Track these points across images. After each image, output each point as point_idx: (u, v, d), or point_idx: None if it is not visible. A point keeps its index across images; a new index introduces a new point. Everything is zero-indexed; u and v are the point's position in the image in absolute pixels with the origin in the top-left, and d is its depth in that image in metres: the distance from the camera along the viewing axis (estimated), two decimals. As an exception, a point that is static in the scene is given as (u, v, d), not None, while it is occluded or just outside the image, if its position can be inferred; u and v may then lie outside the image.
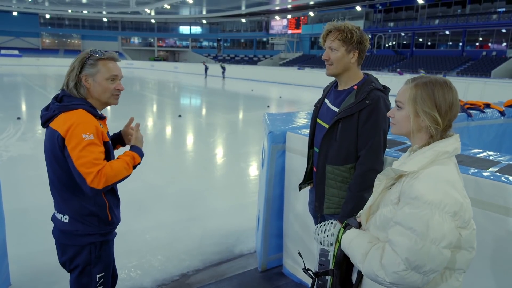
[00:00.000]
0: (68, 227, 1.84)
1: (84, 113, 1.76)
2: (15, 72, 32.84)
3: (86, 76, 1.80)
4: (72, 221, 1.83)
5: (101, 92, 1.84)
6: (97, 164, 1.70)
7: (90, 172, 1.68)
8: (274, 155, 2.97)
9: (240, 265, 3.33)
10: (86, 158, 1.68)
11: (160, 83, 29.63)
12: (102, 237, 1.89)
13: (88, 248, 1.86)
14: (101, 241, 1.89)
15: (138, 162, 1.90)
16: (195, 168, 6.83)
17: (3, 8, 56.37)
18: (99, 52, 1.84)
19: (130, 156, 1.88)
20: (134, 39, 71.20)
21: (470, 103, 4.57)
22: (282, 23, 56.90)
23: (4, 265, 2.78)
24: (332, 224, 1.64)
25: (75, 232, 1.83)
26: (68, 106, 1.76)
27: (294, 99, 19.87)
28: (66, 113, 1.75)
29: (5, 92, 18.27)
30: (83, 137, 1.69)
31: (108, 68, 1.84)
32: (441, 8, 38.76)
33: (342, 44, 2.02)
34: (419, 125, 1.33)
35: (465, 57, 36.63)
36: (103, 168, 1.71)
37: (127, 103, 16.07)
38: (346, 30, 2.01)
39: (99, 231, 1.87)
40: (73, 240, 1.85)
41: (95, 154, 1.71)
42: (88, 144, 1.70)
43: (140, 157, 1.91)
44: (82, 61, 1.81)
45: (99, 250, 1.88)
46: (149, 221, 4.16)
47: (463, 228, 1.22)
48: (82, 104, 1.78)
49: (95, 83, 1.82)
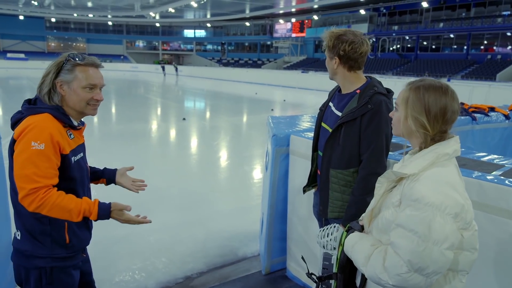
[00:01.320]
0: (19, 245, 1.62)
1: (47, 118, 1.57)
2: (21, 75, 33.11)
3: (62, 83, 1.62)
4: (24, 239, 1.61)
5: (76, 101, 1.64)
6: (35, 181, 1.48)
7: (23, 187, 1.48)
8: (278, 158, 2.98)
9: (243, 268, 3.33)
10: (24, 171, 1.48)
11: (164, 86, 29.74)
12: (54, 261, 1.63)
13: (38, 272, 1.61)
14: (53, 267, 1.63)
15: (92, 219, 1.62)
16: (199, 171, 6.85)
17: (9, 12, 56.89)
18: (79, 56, 1.65)
19: (91, 207, 1.59)
20: (139, 43, 71.62)
21: (475, 107, 4.56)
22: (286, 27, 56.99)
23: (9, 267, 2.80)
24: (335, 228, 1.64)
25: (25, 252, 1.61)
26: (35, 109, 1.59)
27: (298, 102, 19.89)
28: (32, 116, 1.57)
29: (11, 95, 18.41)
30: (32, 145, 1.49)
31: (87, 76, 1.64)
32: (445, 11, 38.67)
33: (327, 51, 2.10)
34: (410, 128, 1.33)
35: (469, 60, 36.50)
36: (44, 189, 1.50)
37: (132, 106, 16.17)
38: (326, 38, 2.06)
39: (51, 254, 1.62)
40: (22, 261, 1.63)
41: (38, 169, 1.49)
42: (33, 154, 1.48)
43: (97, 218, 1.62)
44: (59, 66, 1.63)
45: (50, 277, 1.62)
46: (152, 224, 4.11)
47: (464, 229, 1.23)
48: (51, 108, 1.60)
49: (70, 91, 1.63)
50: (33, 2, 50.47)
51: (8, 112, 12.85)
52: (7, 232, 2.79)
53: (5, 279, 2.73)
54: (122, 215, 1.69)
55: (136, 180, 2.04)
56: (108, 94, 20.33)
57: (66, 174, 1.62)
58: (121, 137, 9.39)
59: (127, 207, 1.70)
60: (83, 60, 1.65)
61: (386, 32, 43.25)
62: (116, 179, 2.01)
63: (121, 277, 3.11)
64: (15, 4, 52.49)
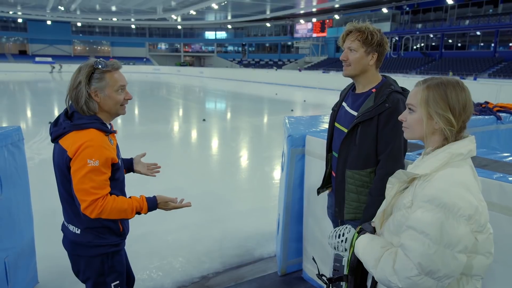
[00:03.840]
0: (80, 238, 1.82)
1: (95, 134, 1.71)
2: (49, 79, 34.22)
3: (96, 91, 1.74)
4: (84, 233, 1.81)
5: (112, 104, 1.79)
6: (94, 193, 1.67)
7: (84, 200, 1.67)
8: (294, 158, 2.96)
9: (259, 268, 3.33)
10: (84, 185, 1.66)
11: (186, 88, 30.10)
12: (113, 247, 1.87)
13: (100, 258, 1.84)
14: (112, 252, 1.86)
15: (143, 213, 1.84)
16: (218, 171, 6.90)
17: (38, 18, 58.97)
18: (102, 63, 1.76)
19: (140, 203, 1.82)
20: (161, 45, 72.82)
21: (500, 106, 4.41)
22: (307, 27, 56.72)
23: (32, 264, 2.90)
24: (347, 229, 1.61)
25: (87, 244, 1.81)
26: (79, 125, 1.72)
27: (318, 103, 19.73)
28: (77, 132, 1.70)
29: (39, 98, 19.05)
30: (88, 163, 1.65)
31: (116, 80, 1.77)
32: (471, 8, 37.62)
33: (362, 45, 1.99)
34: (433, 128, 1.29)
35: (497, 58, 35.34)
36: (102, 199, 1.69)
37: (154, 107, 16.44)
38: (367, 31, 1.98)
39: (110, 242, 1.85)
40: (85, 251, 1.83)
41: (95, 183, 1.67)
42: (90, 171, 1.66)
43: (147, 211, 1.85)
44: (88, 75, 1.73)
45: (112, 260, 1.87)
46: (171, 223, 4.22)
47: (479, 232, 1.18)
48: (94, 122, 1.73)
49: (105, 97, 1.76)
50: (60, 8, 52.06)
51: (36, 114, 13.34)
52: (30, 230, 2.88)
53: (29, 274, 2.82)
54: (168, 205, 1.92)
55: (150, 165, 2.23)
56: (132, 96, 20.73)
57: (115, 176, 1.81)
58: (143, 138, 9.55)
59: (173, 199, 1.93)
60: (108, 66, 1.76)
61: (410, 30, 42.40)
62: (134, 167, 2.19)
63: (138, 275, 3.14)
64: (43, 10, 54.33)
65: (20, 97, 19.28)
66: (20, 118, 12.52)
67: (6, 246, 2.48)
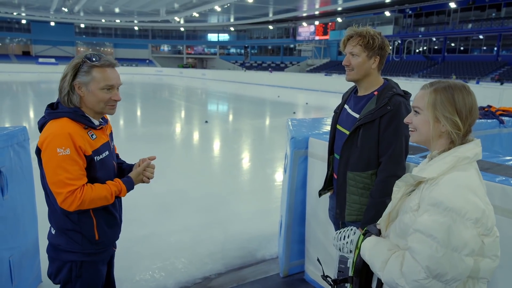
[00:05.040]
0: (54, 239, 1.73)
1: (66, 122, 1.61)
2: (52, 79, 34.28)
3: (79, 84, 1.63)
4: (57, 234, 1.71)
5: (95, 102, 1.66)
6: (70, 184, 1.56)
7: (59, 192, 1.56)
8: (296, 160, 2.97)
9: (262, 270, 3.33)
10: (58, 176, 1.55)
11: (188, 90, 30.16)
12: (85, 256, 1.72)
13: (69, 265, 1.71)
14: (83, 261, 1.72)
15: (122, 196, 1.75)
16: (220, 173, 6.91)
17: (41, 19, 59.24)
18: (95, 56, 1.65)
19: (117, 187, 1.72)
20: (164, 47, 73.06)
21: (503, 109, 4.42)
22: (309, 30, 56.77)
23: (36, 263, 2.91)
24: (352, 230, 1.62)
25: (58, 247, 1.71)
26: (55, 113, 1.63)
27: (320, 105, 19.76)
28: (52, 121, 1.62)
29: (42, 98, 19.10)
30: (58, 152, 1.54)
31: (104, 77, 1.65)
32: (474, 12, 37.57)
33: (363, 49, 2.01)
34: (440, 131, 1.30)
35: (500, 62, 35.29)
36: (79, 190, 1.58)
37: (156, 109, 16.48)
38: (368, 36, 2.00)
39: (82, 249, 1.71)
40: (56, 254, 1.73)
41: (70, 173, 1.56)
42: (62, 160, 1.55)
43: (126, 192, 1.75)
44: (76, 68, 1.64)
45: (80, 269, 1.72)
46: (173, 224, 4.23)
47: (486, 235, 1.19)
48: (69, 112, 1.63)
49: (88, 92, 1.64)
50: (63, 9, 52.32)
51: (39, 114, 13.29)
52: (34, 230, 2.90)
53: (32, 273, 2.84)
54: (139, 177, 1.83)
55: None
56: (134, 97, 20.81)
57: (91, 174, 1.67)
58: (145, 139, 9.59)
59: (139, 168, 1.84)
60: (99, 60, 1.64)
61: (412, 33, 42.39)
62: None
63: (141, 276, 3.17)
64: (47, 11, 54.58)
65: (23, 98, 19.38)
66: (23, 119, 12.59)
67: (11, 245, 2.49)
